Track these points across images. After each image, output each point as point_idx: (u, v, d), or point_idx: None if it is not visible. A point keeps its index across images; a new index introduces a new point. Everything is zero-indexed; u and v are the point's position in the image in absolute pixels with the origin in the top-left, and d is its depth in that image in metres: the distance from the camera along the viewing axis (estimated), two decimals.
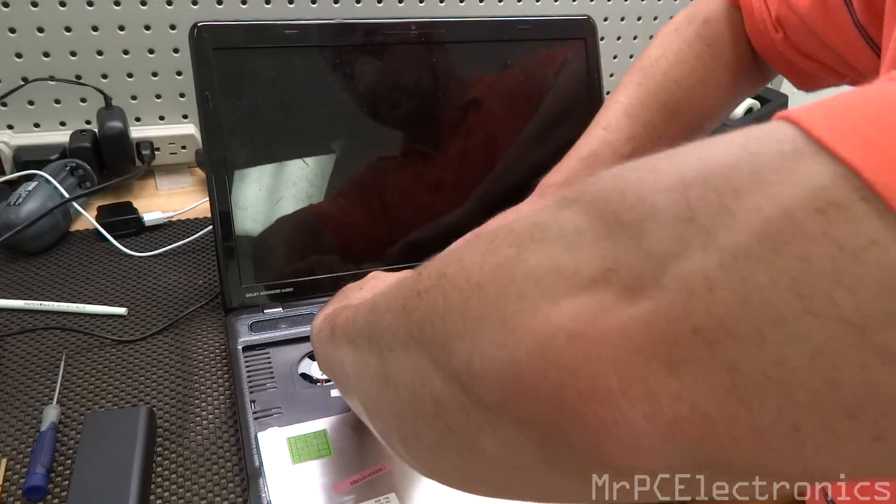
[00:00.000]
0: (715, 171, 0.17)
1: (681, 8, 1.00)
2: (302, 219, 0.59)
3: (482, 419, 0.20)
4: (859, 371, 0.14)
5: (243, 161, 0.57)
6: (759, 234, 0.15)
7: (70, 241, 0.70)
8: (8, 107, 0.78)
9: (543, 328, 0.18)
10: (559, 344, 0.18)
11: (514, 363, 0.19)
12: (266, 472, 0.42)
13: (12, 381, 0.52)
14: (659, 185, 0.18)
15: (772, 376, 0.15)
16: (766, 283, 0.15)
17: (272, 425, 0.46)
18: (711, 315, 0.16)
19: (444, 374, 0.21)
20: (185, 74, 0.82)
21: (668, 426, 0.16)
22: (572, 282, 0.18)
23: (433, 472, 0.25)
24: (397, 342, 0.24)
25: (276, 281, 0.57)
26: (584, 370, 0.17)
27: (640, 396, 0.17)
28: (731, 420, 0.16)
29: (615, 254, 0.18)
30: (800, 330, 0.15)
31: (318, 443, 0.44)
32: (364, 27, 0.60)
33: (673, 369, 0.16)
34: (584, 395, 0.17)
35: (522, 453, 0.20)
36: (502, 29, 0.65)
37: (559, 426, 0.18)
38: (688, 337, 0.16)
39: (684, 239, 0.16)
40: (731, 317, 0.15)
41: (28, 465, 0.45)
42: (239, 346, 0.53)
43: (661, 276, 0.17)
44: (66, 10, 0.75)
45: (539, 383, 0.18)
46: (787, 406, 0.15)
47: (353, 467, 0.43)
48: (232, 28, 0.56)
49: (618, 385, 0.17)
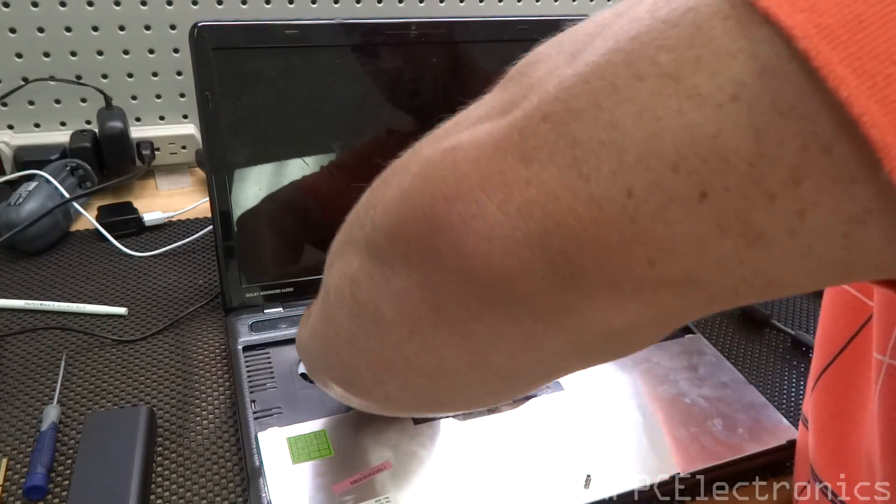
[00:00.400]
0: (601, 24, 0.19)
1: None
2: (302, 218, 0.59)
3: (380, 277, 0.22)
4: (676, 117, 0.16)
5: (243, 161, 0.57)
6: (598, 25, 0.19)
7: (70, 241, 0.70)
8: (8, 107, 0.78)
9: (430, 155, 0.21)
10: (436, 160, 0.20)
11: (402, 192, 0.21)
12: (266, 472, 0.42)
13: (12, 381, 0.52)
14: (553, 45, 0.21)
15: (605, 140, 0.17)
16: (600, 60, 0.17)
17: (272, 425, 0.46)
18: (558, 100, 0.18)
19: (356, 247, 0.24)
20: (185, 74, 0.82)
21: (518, 211, 0.18)
22: (466, 123, 0.21)
23: (354, 384, 0.28)
24: (334, 256, 0.27)
25: (277, 281, 0.57)
26: (451, 175, 0.19)
27: (496, 187, 0.18)
28: (572, 194, 0.17)
29: (504, 96, 0.21)
30: (628, 94, 0.16)
31: (319, 443, 0.44)
32: (364, 27, 0.60)
33: (524, 158, 0.18)
34: (449, 198, 0.19)
35: (412, 304, 0.22)
36: (502, 29, 0.65)
37: (431, 241, 0.20)
38: (538, 124, 0.18)
39: (556, 66, 0.19)
40: (574, 97, 0.17)
41: (28, 465, 0.45)
42: (239, 346, 0.53)
43: (530, 92, 0.19)
44: (66, 10, 0.75)
45: (416, 200, 0.20)
46: (619, 168, 0.16)
47: (353, 467, 0.43)
48: (232, 28, 0.56)
49: (478, 182, 0.19)
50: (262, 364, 0.51)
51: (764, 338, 0.62)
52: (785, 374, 0.58)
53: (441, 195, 0.19)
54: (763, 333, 0.63)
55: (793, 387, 0.57)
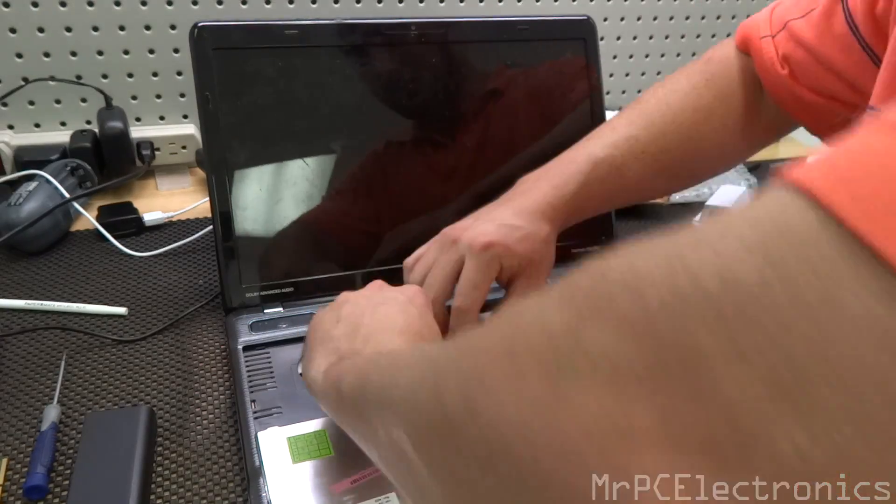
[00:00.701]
0: (745, 295, 0.14)
1: (680, 8, 1.00)
2: (302, 218, 0.59)
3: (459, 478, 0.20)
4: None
5: (243, 161, 0.57)
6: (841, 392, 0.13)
7: (70, 241, 0.70)
8: (8, 107, 0.78)
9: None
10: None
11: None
12: (266, 472, 0.42)
13: (13, 381, 0.52)
14: (689, 307, 0.15)
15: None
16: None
17: (272, 425, 0.46)
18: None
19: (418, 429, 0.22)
20: (185, 74, 0.82)
21: None
22: (633, 443, 0.15)
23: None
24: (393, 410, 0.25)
25: (277, 281, 0.57)
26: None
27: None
28: None
29: (674, 407, 0.15)
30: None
31: (319, 442, 0.44)
32: (364, 27, 0.60)
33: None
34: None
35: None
36: (502, 29, 0.65)
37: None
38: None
39: (763, 405, 0.14)
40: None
41: (28, 465, 0.45)
42: (239, 346, 0.53)
43: (753, 453, 0.14)
44: (66, 10, 0.75)
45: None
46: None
47: (354, 467, 0.43)
48: (232, 28, 0.56)
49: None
50: (262, 364, 0.51)
51: None
52: None
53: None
54: None
55: None
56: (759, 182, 0.87)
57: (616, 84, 1.03)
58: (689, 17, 1.02)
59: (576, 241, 0.62)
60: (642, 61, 1.03)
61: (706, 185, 0.85)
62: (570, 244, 0.63)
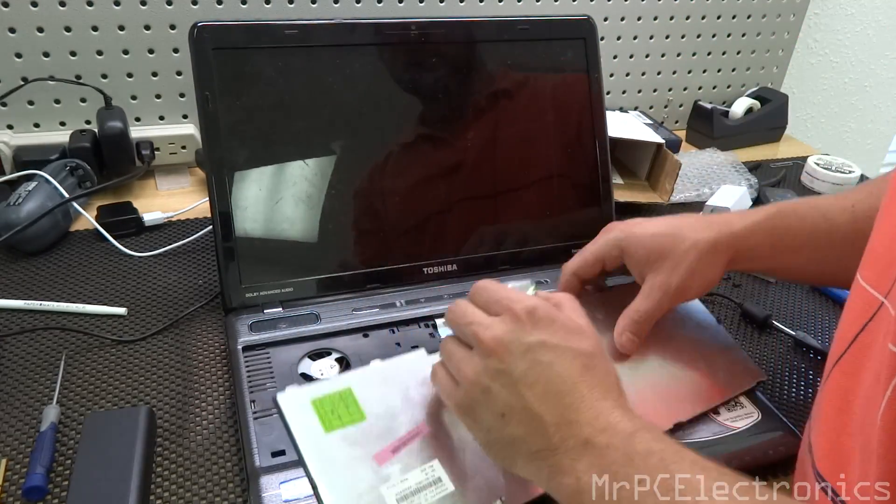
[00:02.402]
0: None
1: (680, 8, 1.00)
2: (302, 218, 0.59)
3: None
4: None
5: (243, 161, 0.57)
6: None
7: (70, 241, 0.70)
8: (8, 107, 0.78)
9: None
10: None
11: None
12: (300, 446, 0.38)
13: (12, 381, 0.52)
14: None
15: None
16: None
17: (272, 425, 0.46)
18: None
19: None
20: (185, 74, 0.82)
21: None
22: None
23: None
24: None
25: (276, 281, 0.57)
26: None
27: None
28: None
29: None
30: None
31: (347, 404, 0.41)
32: (364, 27, 0.60)
33: None
34: None
35: None
36: (502, 29, 0.65)
37: None
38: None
39: None
40: None
41: (28, 465, 0.45)
42: (239, 346, 0.53)
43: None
44: (66, 10, 0.75)
45: None
46: None
47: (388, 431, 0.41)
48: (232, 28, 0.56)
49: None
50: (262, 364, 0.51)
51: (765, 338, 0.62)
52: (786, 374, 0.58)
53: None
54: (764, 334, 0.63)
55: (793, 388, 0.57)
56: (760, 182, 0.87)
57: (616, 84, 1.03)
58: (690, 17, 1.02)
59: (576, 241, 0.62)
60: (642, 61, 1.03)
61: (706, 185, 0.85)
62: (571, 244, 0.63)
